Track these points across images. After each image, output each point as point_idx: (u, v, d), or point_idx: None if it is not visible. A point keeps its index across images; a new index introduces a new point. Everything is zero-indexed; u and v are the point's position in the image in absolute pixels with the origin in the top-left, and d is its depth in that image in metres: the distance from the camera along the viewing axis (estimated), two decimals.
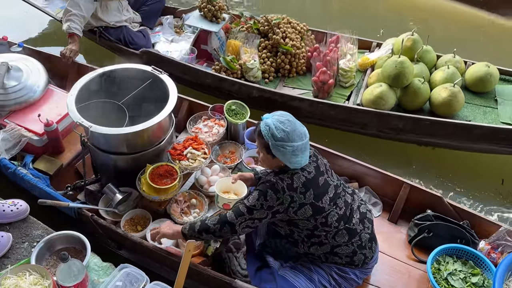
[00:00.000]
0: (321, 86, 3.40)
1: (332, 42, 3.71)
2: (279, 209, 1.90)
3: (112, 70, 2.60)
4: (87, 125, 2.23)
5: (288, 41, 3.64)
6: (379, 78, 3.34)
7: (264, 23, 3.72)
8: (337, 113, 3.28)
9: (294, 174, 1.91)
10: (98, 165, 2.59)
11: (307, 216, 1.92)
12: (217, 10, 3.70)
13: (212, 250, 2.36)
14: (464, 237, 2.43)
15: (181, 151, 2.56)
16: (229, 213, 1.95)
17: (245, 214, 1.91)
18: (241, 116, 2.88)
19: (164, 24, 4.09)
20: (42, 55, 3.35)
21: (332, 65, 3.45)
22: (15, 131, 2.65)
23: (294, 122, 1.91)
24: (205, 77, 3.52)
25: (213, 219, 1.99)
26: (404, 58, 3.22)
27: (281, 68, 3.67)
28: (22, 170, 2.50)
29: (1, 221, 2.32)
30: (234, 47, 3.66)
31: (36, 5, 4.04)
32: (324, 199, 1.94)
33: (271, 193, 1.88)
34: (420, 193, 2.63)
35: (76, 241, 2.20)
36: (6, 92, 2.74)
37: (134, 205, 2.50)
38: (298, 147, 1.87)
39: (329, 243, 1.99)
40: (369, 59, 3.63)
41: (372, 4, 5.26)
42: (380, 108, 3.18)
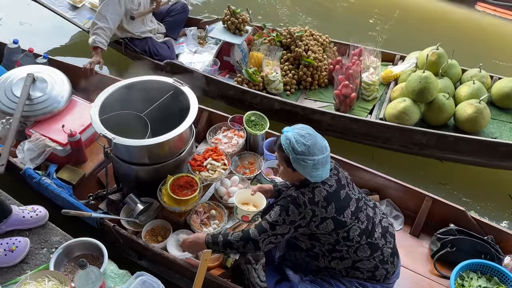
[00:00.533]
0: (343, 100, 3.39)
1: (355, 54, 3.70)
2: (301, 224, 1.89)
3: (134, 82, 2.64)
4: (111, 136, 2.26)
5: (311, 54, 3.65)
6: (403, 93, 3.31)
7: (287, 35, 3.72)
8: (359, 127, 3.26)
9: (315, 188, 1.90)
10: (120, 175, 2.63)
11: (328, 231, 1.90)
12: (240, 23, 3.73)
13: (231, 261, 2.36)
14: (488, 252, 2.38)
15: (201, 162, 2.58)
16: (252, 229, 1.96)
17: (268, 230, 1.91)
18: (260, 127, 2.89)
19: (188, 35, 4.14)
20: (66, 66, 3.41)
21: (354, 78, 3.43)
22: (40, 141, 2.71)
23: (315, 136, 1.90)
24: (227, 89, 3.54)
25: (236, 236, 1.98)
26: (429, 73, 3.17)
27: (303, 81, 3.67)
28: (47, 180, 2.55)
29: (21, 227, 2.37)
30: (257, 59, 3.68)
31: (65, 16, 4.12)
32: (346, 213, 1.92)
33: (292, 208, 1.88)
34: (443, 206, 2.59)
35: (94, 248, 2.24)
36: (31, 102, 2.81)
37: (154, 215, 2.53)
38: (319, 161, 1.86)
39: (351, 258, 1.97)
40: (393, 72, 3.59)
41: (396, 16, 5.17)
42: (404, 123, 3.15)
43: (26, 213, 2.39)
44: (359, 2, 5.43)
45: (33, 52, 3.37)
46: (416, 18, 5.15)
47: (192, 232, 2.40)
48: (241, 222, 2.33)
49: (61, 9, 4.14)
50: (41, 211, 2.42)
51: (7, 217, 2.31)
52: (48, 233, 2.39)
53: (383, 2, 5.43)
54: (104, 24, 3.40)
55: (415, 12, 5.25)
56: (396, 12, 5.21)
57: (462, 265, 2.28)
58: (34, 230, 2.38)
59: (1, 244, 2.22)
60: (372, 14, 5.18)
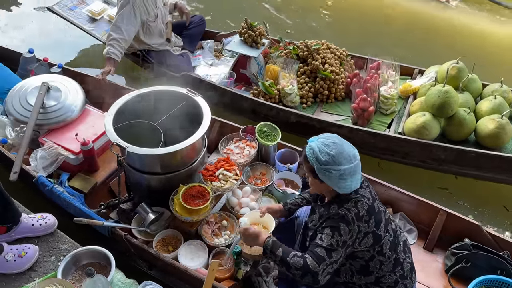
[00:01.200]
0: (361, 113, 3.35)
1: (372, 68, 3.67)
2: (349, 243, 1.80)
3: (148, 92, 2.66)
4: (124, 145, 2.27)
5: (328, 67, 3.62)
6: (422, 107, 3.26)
7: (304, 48, 3.72)
8: (377, 141, 3.22)
9: (358, 202, 1.82)
10: (131, 184, 2.63)
11: (368, 246, 1.84)
12: (257, 36, 3.73)
13: (242, 273, 2.33)
14: (504, 268, 2.34)
15: (213, 172, 2.57)
16: (309, 259, 1.78)
17: (326, 258, 1.76)
18: (272, 138, 2.88)
19: (205, 48, 4.15)
20: (80, 76, 3.45)
21: (372, 91, 3.40)
22: (53, 149, 2.72)
23: (341, 144, 1.82)
24: (243, 101, 3.53)
25: (296, 261, 1.79)
26: (449, 87, 3.13)
27: (319, 94, 3.64)
28: (59, 188, 2.56)
29: (30, 235, 2.38)
30: (273, 72, 3.66)
31: (83, 28, 4.16)
32: (381, 226, 1.87)
33: (344, 227, 1.78)
34: (457, 221, 2.55)
35: (101, 256, 2.23)
36: (45, 111, 2.84)
37: (166, 225, 2.51)
38: (346, 171, 1.78)
39: (375, 273, 1.91)
40: (411, 86, 3.55)
41: (414, 30, 5.13)
42: (423, 138, 3.10)
43: (35, 221, 2.40)
44: (373, 15, 5.42)
45: (48, 61, 3.41)
46: (434, 31, 5.10)
47: (204, 243, 2.38)
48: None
49: (80, 21, 4.19)
50: (50, 219, 2.43)
51: (18, 224, 2.32)
52: (57, 241, 2.40)
53: (403, 16, 5.40)
54: (119, 36, 3.43)
55: (433, 26, 5.20)
56: (413, 26, 5.19)
57: (477, 281, 2.23)
58: (43, 238, 2.40)
59: (11, 249, 2.24)
60: (389, 28, 5.16)
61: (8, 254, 2.20)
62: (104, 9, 4.31)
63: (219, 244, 2.36)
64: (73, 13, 4.23)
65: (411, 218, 2.71)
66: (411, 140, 3.11)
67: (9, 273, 2.21)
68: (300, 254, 1.83)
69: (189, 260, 2.31)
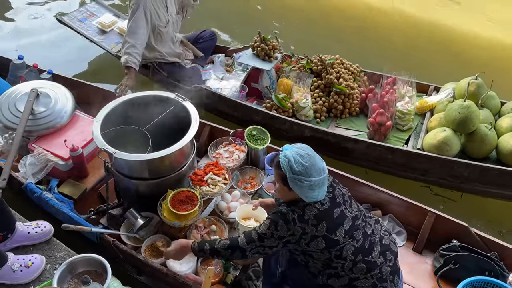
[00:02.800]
0: (378, 128, 3.27)
1: (388, 83, 3.61)
2: (290, 240, 1.88)
3: (136, 97, 2.66)
4: (111, 151, 2.27)
5: (342, 81, 3.57)
6: (441, 122, 3.18)
7: (318, 62, 3.66)
8: (395, 157, 3.12)
9: (306, 206, 1.88)
10: (120, 190, 2.63)
11: (320, 248, 1.88)
12: (270, 49, 3.68)
13: (231, 278, 2.34)
14: (492, 269, 2.34)
15: (202, 176, 2.58)
16: (241, 237, 1.95)
17: (256, 241, 1.91)
18: (262, 141, 2.89)
19: (216, 62, 4.11)
20: (70, 81, 3.45)
21: (389, 106, 3.32)
22: (42, 155, 2.72)
23: (313, 157, 1.88)
24: (255, 114, 3.45)
25: (223, 244, 1.98)
26: (470, 102, 3.06)
27: (333, 108, 3.57)
28: (48, 195, 2.55)
29: (26, 243, 2.37)
30: (286, 86, 3.61)
31: (93, 39, 4.14)
32: (339, 231, 1.90)
33: (282, 223, 1.86)
34: (446, 222, 2.56)
35: (97, 264, 2.23)
36: (35, 117, 2.83)
37: (155, 230, 2.52)
38: (315, 182, 1.84)
39: (347, 275, 1.93)
40: (428, 102, 3.49)
41: (427, 46, 5.00)
42: (444, 154, 3.00)
43: (31, 229, 2.39)
44: (385, 31, 5.30)
45: (37, 67, 3.41)
46: (448, 48, 4.98)
47: None
48: None
49: (90, 33, 4.19)
50: (46, 226, 2.43)
51: (13, 232, 2.31)
52: (52, 248, 2.40)
53: (416, 33, 5.27)
54: (135, 41, 3.41)
55: (447, 42, 5.09)
56: (424, 41, 5.07)
57: (465, 282, 2.23)
58: (38, 246, 2.39)
59: (18, 260, 2.23)
60: (402, 44, 5.03)
61: (14, 265, 2.20)
62: (114, 22, 4.30)
63: None
64: (83, 25, 4.25)
65: (400, 220, 2.72)
66: (432, 156, 3.00)
67: (15, 284, 2.20)
68: (226, 238, 2.02)
69: (178, 266, 2.31)
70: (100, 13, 4.42)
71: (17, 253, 2.30)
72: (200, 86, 3.59)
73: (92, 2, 4.55)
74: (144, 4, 3.42)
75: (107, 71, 4.44)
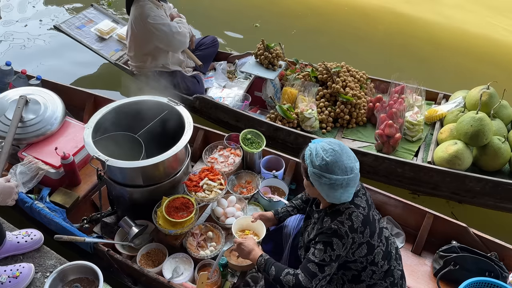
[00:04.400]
0: (386, 140, 3.16)
1: (396, 92, 3.50)
2: (342, 254, 1.77)
3: (128, 103, 2.61)
4: (104, 159, 2.22)
5: (348, 90, 3.47)
6: (452, 134, 3.08)
7: (323, 71, 3.55)
8: (405, 171, 3.02)
9: (352, 213, 1.76)
10: (114, 198, 2.57)
11: (362, 256, 1.80)
12: (274, 57, 3.58)
13: (229, 285, 2.30)
14: (492, 270, 2.33)
15: (197, 182, 2.53)
16: (302, 276, 1.76)
17: (318, 273, 1.74)
18: (257, 145, 2.85)
19: (218, 70, 4.02)
20: (59, 87, 3.39)
21: (398, 117, 3.21)
22: (32, 164, 2.66)
23: (340, 153, 1.73)
24: (259, 125, 3.32)
25: (289, 279, 1.78)
26: (483, 114, 2.93)
27: (340, 118, 3.46)
28: (39, 204, 2.49)
29: (16, 253, 2.32)
30: (290, 95, 3.51)
31: (91, 47, 4.05)
32: (375, 235, 1.83)
33: (337, 241, 1.73)
34: (444, 223, 2.54)
35: (89, 271, 2.18)
36: (24, 125, 2.77)
37: (150, 238, 2.47)
38: (338, 181, 1.70)
39: (366, 282, 1.88)
40: (437, 112, 3.36)
41: (435, 52, 4.84)
42: (455, 168, 2.89)
43: (21, 238, 2.34)
44: (393, 37, 5.18)
45: (26, 73, 3.34)
46: (457, 54, 4.82)
47: (189, 256, 2.34)
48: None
49: (88, 40, 4.11)
50: (35, 235, 2.37)
51: (2, 242, 2.25)
52: (43, 256, 2.35)
53: (424, 39, 5.14)
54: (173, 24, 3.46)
55: (456, 48, 4.94)
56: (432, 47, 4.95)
57: (466, 283, 2.21)
58: (28, 254, 2.34)
59: (5, 271, 2.17)
60: (410, 50, 4.91)
61: (2, 276, 2.14)
62: (113, 28, 4.23)
63: (204, 257, 2.32)
64: (81, 32, 4.16)
65: (398, 222, 2.70)
66: (443, 170, 2.89)
67: None
68: (292, 272, 1.80)
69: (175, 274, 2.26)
70: (99, 19, 4.33)
71: (4, 263, 2.25)
72: (202, 96, 3.51)
73: (90, 8, 4.43)
74: (153, 14, 3.37)
75: (105, 78, 4.37)
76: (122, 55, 4.05)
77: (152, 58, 3.59)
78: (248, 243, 2.01)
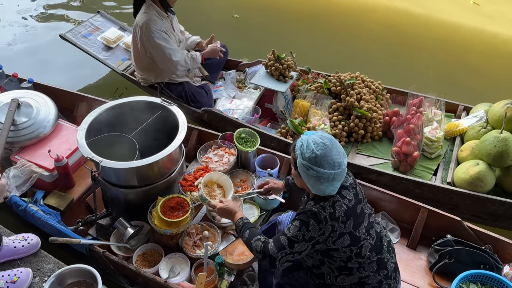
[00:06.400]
0: (404, 158, 3.02)
1: (413, 105, 3.34)
2: (319, 240, 1.79)
3: (121, 103, 2.60)
4: (98, 160, 2.21)
5: (363, 104, 3.31)
6: (474, 153, 2.91)
7: (336, 83, 3.40)
8: (423, 192, 2.88)
9: (336, 202, 1.80)
10: (108, 199, 2.56)
11: (344, 246, 1.82)
12: (285, 69, 3.43)
13: (226, 284, 2.29)
14: (487, 262, 2.35)
15: (192, 182, 2.53)
16: (271, 245, 1.83)
17: (286, 247, 1.79)
18: (251, 144, 2.85)
19: (227, 80, 3.91)
20: (52, 90, 3.37)
21: (415, 133, 3.04)
22: (26, 167, 2.65)
23: (330, 148, 1.76)
24: (269, 141, 3.20)
25: (257, 245, 1.87)
26: (508, 134, 2.77)
27: (354, 133, 3.30)
28: (33, 207, 2.48)
29: (13, 258, 2.30)
30: (302, 108, 3.34)
31: (97, 57, 3.94)
32: (361, 228, 1.85)
33: (313, 223, 1.76)
34: (439, 217, 2.56)
35: (87, 274, 2.16)
36: (16, 128, 2.75)
37: (146, 239, 2.46)
38: (324, 175, 1.74)
39: (358, 273, 1.89)
40: (458, 126, 3.18)
41: (455, 56, 4.58)
42: (477, 190, 2.74)
43: (17, 243, 2.32)
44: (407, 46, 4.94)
45: (17, 77, 3.32)
46: (482, 59, 4.54)
47: (185, 255, 2.34)
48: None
49: (94, 49, 3.98)
50: (32, 239, 2.36)
51: None
52: (40, 261, 2.33)
53: (445, 45, 4.90)
54: (180, 54, 3.38)
55: (482, 53, 4.66)
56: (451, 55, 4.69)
57: (461, 276, 2.23)
58: (26, 259, 2.33)
59: (2, 276, 2.16)
60: (428, 59, 4.62)
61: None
62: (120, 37, 4.13)
63: (201, 256, 2.32)
64: (87, 41, 4.03)
65: (393, 217, 2.71)
66: (464, 193, 2.75)
67: None
68: (263, 239, 1.88)
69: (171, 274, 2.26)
70: (105, 27, 4.20)
71: (2, 268, 2.24)
72: (210, 109, 3.41)
73: (97, 15, 4.31)
74: (155, 28, 3.26)
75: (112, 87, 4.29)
76: (129, 64, 3.94)
77: (159, 71, 3.49)
78: (229, 206, 2.11)
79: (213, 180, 2.48)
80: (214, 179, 2.48)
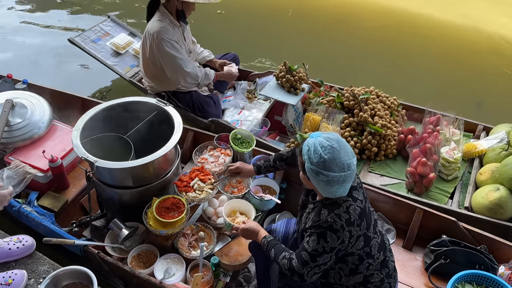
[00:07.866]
0: (419, 179, 2.87)
1: (430, 123, 3.19)
2: (341, 248, 1.77)
3: (116, 104, 2.59)
4: (92, 160, 2.20)
5: (377, 120, 3.17)
6: (493, 177, 2.75)
7: (350, 97, 3.28)
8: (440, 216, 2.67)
9: (350, 207, 1.76)
10: (103, 200, 2.55)
11: (359, 248, 1.81)
12: (297, 81, 3.32)
13: (222, 285, 2.28)
14: (482, 262, 2.35)
15: (187, 182, 2.52)
16: (295, 261, 1.82)
17: (309, 262, 1.78)
18: (247, 144, 2.85)
19: (237, 89, 3.85)
20: (46, 91, 3.36)
21: (432, 153, 2.89)
22: (20, 168, 2.61)
23: (338, 150, 1.70)
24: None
25: (284, 263, 1.86)
26: None
27: (366, 150, 3.15)
28: (27, 208, 2.46)
29: (7, 260, 2.28)
30: (313, 122, 3.21)
31: (106, 63, 3.88)
32: (371, 227, 1.85)
33: (330, 234, 1.74)
34: (434, 217, 2.57)
35: (83, 276, 2.14)
36: (11, 129, 2.73)
37: (141, 240, 2.44)
38: (335, 178, 1.70)
39: (363, 273, 1.89)
40: (476, 147, 3.03)
41: (478, 77, 4.36)
42: (497, 217, 2.60)
43: (12, 244, 2.30)
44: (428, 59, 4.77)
45: (11, 77, 3.30)
46: (503, 77, 4.35)
47: (181, 256, 2.32)
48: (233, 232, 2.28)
49: (103, 54, 3.92)
50: (27, 241, 2.34)
51: None
52: (35, 262, 2.31)
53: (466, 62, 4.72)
54: (191, 66, 3.34)
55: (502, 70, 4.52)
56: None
57: (456, 276, 2.24)
58: (21, 261, 2.30)
59: None
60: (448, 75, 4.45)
61: None
62: (130, 43, 4.09)
63: (196, 257, 2.31)
64: (96, 46, 3.97)
65: (389, 218, 2.71)
66: (483, 219, 2.61)
67: None
68: (288, 256, 1.87)
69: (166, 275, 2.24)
70: (115, 32, 4.15)
71: None
72: (217, 120, 3.35)
73: (107, 20, 4.25)
74: (167, 37, 3.22)
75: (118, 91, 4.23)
76: (137, 71, 3.90)
77: (168, 80, 3.44)
78: (251, 226, 2.11)
79: (235, 209, 2.49)
80: (236, 208, 2.49)
